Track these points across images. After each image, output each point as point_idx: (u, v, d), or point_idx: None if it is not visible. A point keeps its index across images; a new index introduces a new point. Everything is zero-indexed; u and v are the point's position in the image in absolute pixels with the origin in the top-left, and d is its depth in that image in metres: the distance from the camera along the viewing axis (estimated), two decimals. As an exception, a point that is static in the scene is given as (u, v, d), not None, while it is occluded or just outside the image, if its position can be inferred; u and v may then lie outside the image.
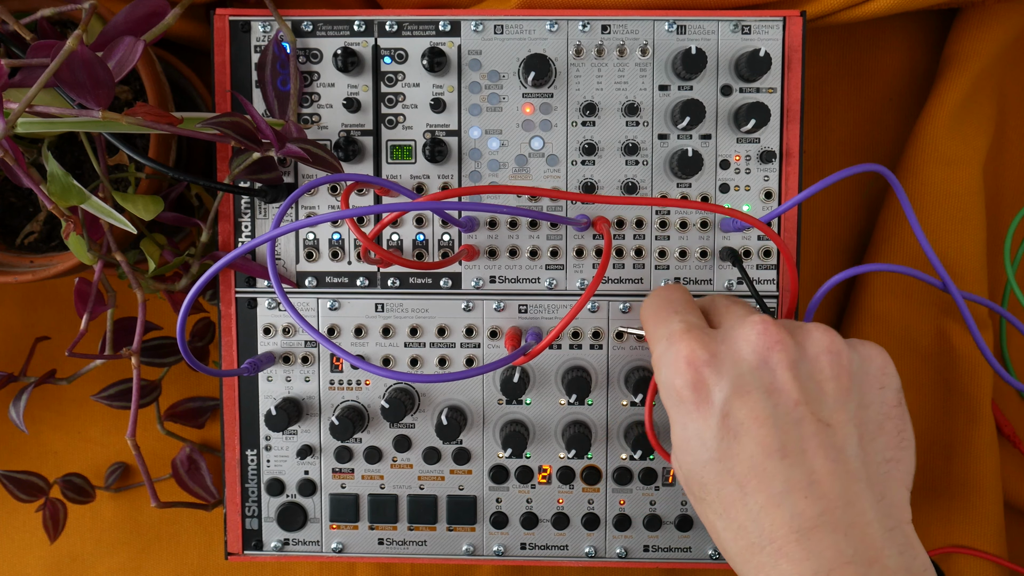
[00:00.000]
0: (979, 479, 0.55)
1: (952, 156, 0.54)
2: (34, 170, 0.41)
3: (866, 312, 0.56)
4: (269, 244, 0.45)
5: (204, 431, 0.61)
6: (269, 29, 0.49)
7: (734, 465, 0.36)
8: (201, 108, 0.54)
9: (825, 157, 0.59)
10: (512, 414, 0.51)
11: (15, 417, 0.52)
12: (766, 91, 0.49)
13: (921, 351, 0.56)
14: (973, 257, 0.55)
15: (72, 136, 0.50)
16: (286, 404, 0.50)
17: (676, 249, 0.50)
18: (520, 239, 0.50)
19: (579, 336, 0.50)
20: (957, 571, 0.56)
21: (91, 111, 0.39)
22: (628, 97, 0.49)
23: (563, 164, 0.49)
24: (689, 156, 0.47)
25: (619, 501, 0.52)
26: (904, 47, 0.59)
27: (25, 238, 0.51)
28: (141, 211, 0.45)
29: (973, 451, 0.55)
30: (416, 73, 0.49)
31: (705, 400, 0.36)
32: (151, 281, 0.49)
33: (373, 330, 0.50)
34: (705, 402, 0.36)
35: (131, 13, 0.43)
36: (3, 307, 0.60)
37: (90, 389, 0.55)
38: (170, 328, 0.55)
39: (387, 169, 0.50)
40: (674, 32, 0.48)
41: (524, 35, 0.49)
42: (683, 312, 0.40)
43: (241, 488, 0.52)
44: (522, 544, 0.52)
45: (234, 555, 0.52)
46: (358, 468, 0.52)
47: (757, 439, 0.35)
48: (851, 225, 0.60)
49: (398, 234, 0.50)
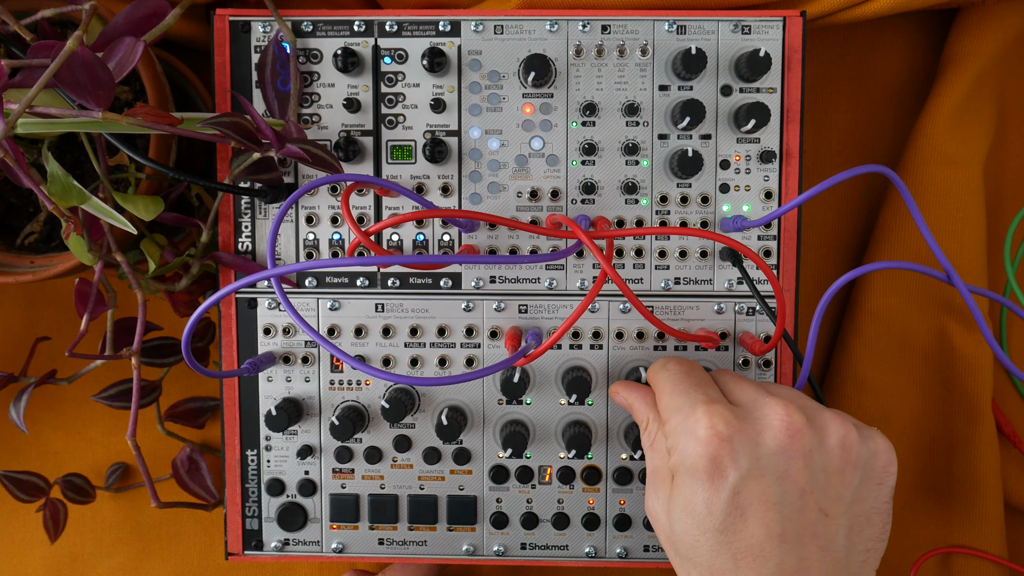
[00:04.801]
0: (979, 479, 0.55)
1: (952, 156, 0.54)
2: (34, 170, 0.41)
3: (866, 310, 0.56)
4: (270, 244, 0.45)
5: (204, 431, 0.61)
6: (269, 29, 0.49)
7: (734, 540, 0.37)
8: (201, 108, 0.54)
9: (825, 157, 0.59)
10: (512, 414, 0.51)
11: (15, 417, 0.52)
12: (766, 91, 0.49)
13: (921, 350, 0.56)
14: (973, 257, 0.55)
15: (72, 136, 0.50)
16: (286, 404, 0.50)
17: (676, 249, 0.50)
18: (520, 239, 0.50)
19: (579, 336, 0.50)
20: (957, 571, 0.56)
21: (91, 111, 0.39)
22: (628, 97, 0.49)
23: (563, 164, 0.49)
24: (689, 156, 0.47)
25: (619, 501, 0.52)
26: (904, 47, 0.59)
27: (25, 238, 0.51)
28: (141, 211, 0.45)
29: (973, 451, 0.55)
30: (416, 73, 0.49)
31: (720, 475, 0.38)
32: (151, 281, 0.49)
33: (373, 330, 0.50)
34: (720, 476, 0.38)
35: (131, 14, 0.43)
36: (3, 307, 0.61)
37: (90, 389, 0.55)
38: (170, 328, 0.55)
39: (387, 169, 0.50)
40: (674, 32, 0.48)
41: (524, 35, 0.49)
42: (704, 386, 0.41)
43: (241, 488, 0.52)
44: (522, 544, 0.52)
45: (234, 555, 0.52)
46: (358, 468, 0.52)
47: (763, 521, 0.37)
48: (851, 224, 0.60)
49: (398, 234, 0.50)
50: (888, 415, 0.56)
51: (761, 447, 0.38)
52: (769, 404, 0.39)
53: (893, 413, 0.56)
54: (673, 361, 0.44)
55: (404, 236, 0.50)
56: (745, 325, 0.50)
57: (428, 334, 0.51)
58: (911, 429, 0.56)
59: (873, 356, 0.56)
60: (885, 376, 0.56)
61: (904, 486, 0.57)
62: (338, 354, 0.40)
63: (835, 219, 0.60)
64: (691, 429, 0.39)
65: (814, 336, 0.43)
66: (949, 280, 0.43)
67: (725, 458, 0.37)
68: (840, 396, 0.57)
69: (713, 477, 0.38)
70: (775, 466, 0.38)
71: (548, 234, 0.44)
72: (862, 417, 0.56)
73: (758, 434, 0.38)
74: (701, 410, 0.39)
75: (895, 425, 0.56)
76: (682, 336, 0.46)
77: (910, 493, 0.57)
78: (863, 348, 0.56)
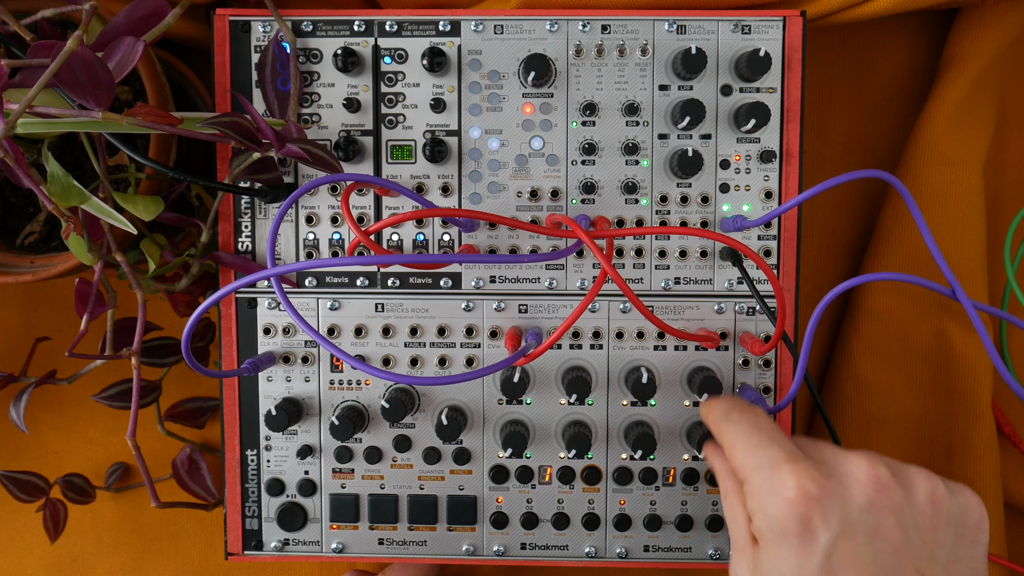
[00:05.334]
0: (979, 479, 0.55)
1: (952, 156, 0.54)
2: (34, 170, 0.41)
3: (866, 311, 0.56)
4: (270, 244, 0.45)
5: (204, 431, 0.61)
6: (269, 29, 0.49)
7: None
8: (201, 108, 0.54)
9: (825, 157, 0.59)
10: (512, 414, 0.51)
11: (15, 417, 0.52)
12: (766, 91, 0.49)
13: (921, 351, 0.56)
14: (973, 257, 0.55)
15: (72, 136, 0.50)
16: (286, 404, 0.50)
17: (676, 249, 0.50)
18: (520, 239, 0.50)
19: (579, 336, 0.50)
20: (957, 571, 0.56)
21: (91, 111, 0.39)
22: (628, 97, 0.49)
23: (563, 164, 0.49)
24: (689, 156, 0.47)
25: (619, 501, 0.52)
26: (904, 47, 0.59)
27: (25, 238, 0.51)
28: (141, 211, 0.45)
29: (973, 451, 0.55)
30: (416, 73, 0.49)
31: (811, 537, 0.36)
32: (151, 281, 0.49)
33: (373, 330, 0.50)
34: (811, 539, 0.36)
35: (131, 13, 0.43)
36: (3, 307, 0.61)
37: (90, 389, 0.55)
38: (170, 328, 0.55)
39: (387, 169, 0.50)
40: (674, 32, 0.48)
41: (524, 35, 0.49)
42: (779, 439, 0.39)
43: (241, 488, 0.52)
44: (522, 544, 0.52)
45: (234, 555, 0.52)
46: (358, 468, 0.52)
47: None
48: (851, 224, 0.60)
49: (398, 234, 0.50)
50: (888, 415, 0.56)
51: (850, 503, 0.36)
52: (851, 459, 0.37)
53: (893, 413, 0.56)
54: (735, 409, 0.41)
55: (404, 236, 0.50)
56: (745, 325, 0.50)
57: (428, 334, 0.51)
58: (911, 429, 0.56)
59: (873, 356, 0.56)
60: (885, 376, 0.56)
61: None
62: (338, 354, 0.40)
63: (835, 219, 0.60)
64: (776, 489, 0.36)
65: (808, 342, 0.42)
66: (954, 295, 0.42)
67: (816, 519, 0.35)
68: (840, 396, 0.57)
69: (804, 540, 0.36)
70: (866, 524, 0.36)
71: (548, 233, 0.44)
72: (862, 417, 0.56)
73: (846, 490, 0.36)
74: (786, 468, 0.37)
75: (895, 425, 0.56)
76: (682, 336, 0.46)
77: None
78: (863, 348, 0.56)
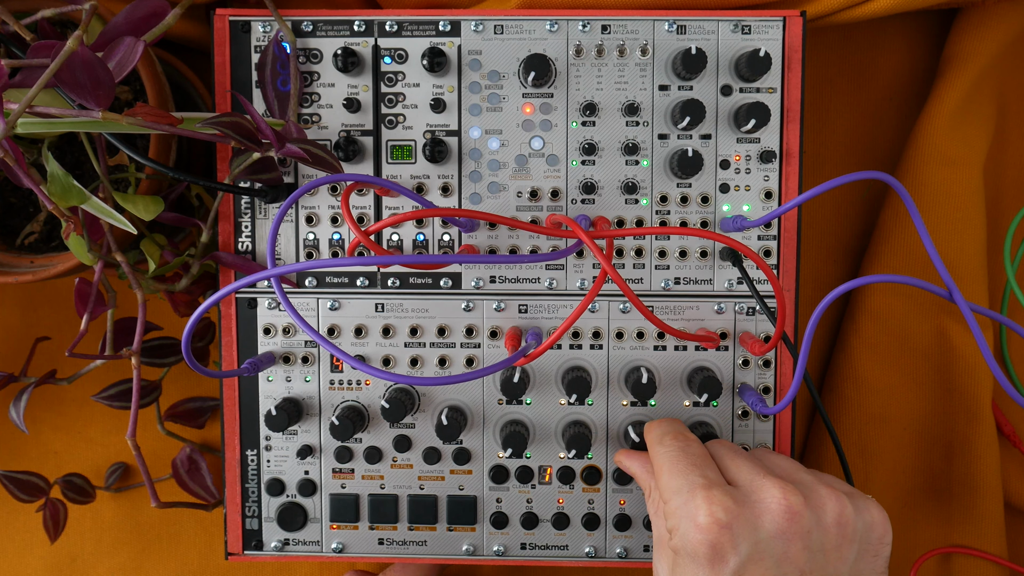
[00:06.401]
0: (979, 479, 0.55)
1: (952, 156, 0.54)
2: (34, 170, 0.41)
3: (866, 311, 0.56)
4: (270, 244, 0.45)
5: (204, 431, 0.61)
6: (269, 29, 0.49)
7: None
8: (201, 108, 0.54)
9: (825, 157, 0.59)
10: (512, 414, 0.51)
11: (15, 417, 0.52)
12: (766, 91, 0.49)
13: (921, 350, 0.56)
14: (973, 257, 0.55)
15: (72, 136, 0.50)
16: (286, 404, 0.50)
17: (676, 249, 0.50)
18: (520, 239, 0.50)
19: (579, 336, 0.50)
20: (957, 571, 0.56)
21: (91, 111, 0.39)
22: (628, 97, 0.49)
23: (563, 164, 0.49)
24: (689, 156, 0.47)
25: (619, 501, 0.52)
26: (904, 47, 0.59)
27: (25, 238, 0.51)
28: (141, 211, 0.45)
29: (973, 451, 0.55)
30: (416, 73, 0.49)
31: (721, 561, 0.38)
32: (151, 281, 0.49)
33: (373, 330, 0.50)
34: (720, 562, 0.38)
35: (131, 13, 0.43)
36: (3, 307, 0.61)
37: (90, 389, 0.55)
38: (170, 328, 0.55)
39: (387, 169, 0.50)
40: (674, 32, 0.48)
41: (524, 35, 0.49)
42: (702, 467, 0.42)
43: (241, 488, 0.52)
44: (522, 544, 0.52)
45: (234, 555, 0.52)
46: (358, 468, 0.52)
47: None
48: (851, 224, 0.60)
49: (398, 234, 0.50)
50: (888, 415, 0.56)
51: (760, 531, 0.38)
52: (766, 487, 0.40)
53: (893, 413, 0.56)
54: (669, 435, 0.44)
55: (404, 236, 0.50)
56: (745, 325, 0.50)
57: (428, 334, 0.51)
58: (911, 429, 0.56)
59: (873, 356, 0.56)
60: (885, 376, 0.56)
61: (904, 486, 0.57)
62: (338, 354, 0.40)
63: (835, 219, 0.60)
64: (691, 514, 0.39)
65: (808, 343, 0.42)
66: (951, 297, 0.42)
67: (725, 544, 0.38)
68: (840, 396, 0.57)
69: (714, 563, 0.38)
70: (774, 550, 0.38)
71: (548, 234, 0.44)
72: (862, 417, 0.56)
73: (757, 518, 0.39)
74: (700, 496, 0.39)
75: (895, 425, 0.56)
76: (682, 336, 0.46)
77: (910, 493, 0.57)
78: (863, 348, 0.56)
